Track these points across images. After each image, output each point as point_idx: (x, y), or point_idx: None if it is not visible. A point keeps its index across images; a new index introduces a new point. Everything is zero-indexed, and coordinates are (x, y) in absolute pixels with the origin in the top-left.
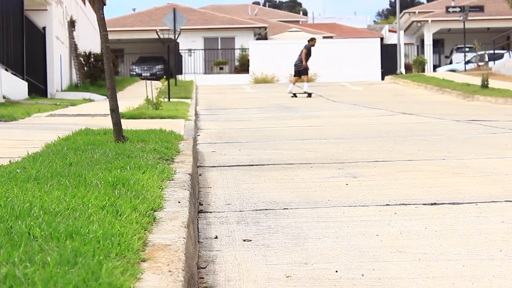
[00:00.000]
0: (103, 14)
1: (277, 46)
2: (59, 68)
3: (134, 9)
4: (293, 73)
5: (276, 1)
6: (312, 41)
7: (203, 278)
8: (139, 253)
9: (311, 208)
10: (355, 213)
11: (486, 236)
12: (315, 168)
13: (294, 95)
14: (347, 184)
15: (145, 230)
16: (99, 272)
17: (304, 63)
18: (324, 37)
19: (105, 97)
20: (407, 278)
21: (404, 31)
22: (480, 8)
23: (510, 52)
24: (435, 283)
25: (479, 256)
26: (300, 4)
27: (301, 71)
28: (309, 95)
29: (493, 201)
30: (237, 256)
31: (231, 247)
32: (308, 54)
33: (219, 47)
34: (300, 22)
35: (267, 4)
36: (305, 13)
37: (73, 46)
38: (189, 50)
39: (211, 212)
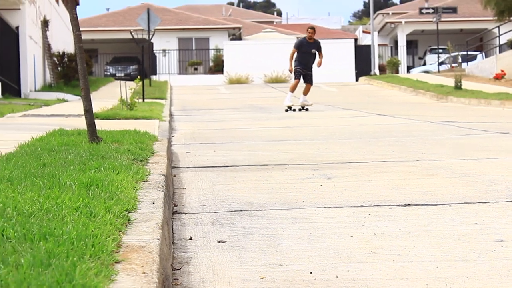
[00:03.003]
0: (76, 14)
1: (251, 47)
2: (33, 68)
3: (107, 9)
4: (267, 73)
5: (250, 2)
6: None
7: (178, 279)
8: (113, 255)
9: (285, 210)
10: (330, 214)
11: (459, 238)
12: (289, 169)
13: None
14: (321, 185)
15: (119, 232)
16: (73, 273)
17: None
18: (298, 38)
19: (79, 97)
20: (381, 279)
21: (378, 32)
22: (453, 9)
23: (483, 53)
24: (409, 284)
25: (453, 257)
26: (274, 5)
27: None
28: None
29: (466, 203)
30: (212, 258)
31: (205, 248)
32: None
33: (194, 48)
34: (274, 23)
35: (241, 4)
36: (279, 14)
37: (47, 46)
38: (164, 50)
39: (185, 213)
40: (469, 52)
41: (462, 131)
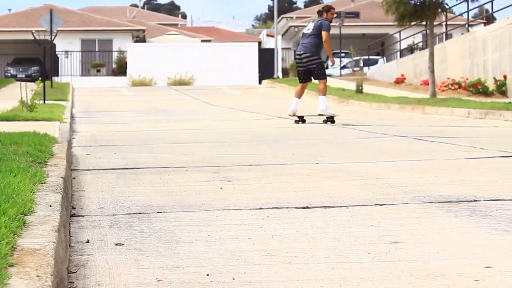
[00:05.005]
0: None
1: (155, 49)
2: None
3: (9, 9)
4: (171, 76)
5: (155, 4)
6: (328, 12)
7: (73, 282)
8: (7, 258)
9: (184, 212)
10: (228, 216)
11: (355, 239)
12: (190, 171)
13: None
14: (221, 188)
15: (14, 235)
16: None
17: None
18: (202, 41)
19: None
20: (278, 281)
21: (282, 35)
22: (355, 14)
23: (384, 58)
24: (304, 286)
25: (348, 259)
26: (178, 8)
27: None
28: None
29: (363, 205)
30: (109, 260)
31: (102, 251)
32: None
33: (97, 49)
34: (179, 25)
35: (145, 7)
36: (184, 17)
37: None
38: (66, 51)
39: (83, 216)
40: (370, 57)
41: (362, 134)
